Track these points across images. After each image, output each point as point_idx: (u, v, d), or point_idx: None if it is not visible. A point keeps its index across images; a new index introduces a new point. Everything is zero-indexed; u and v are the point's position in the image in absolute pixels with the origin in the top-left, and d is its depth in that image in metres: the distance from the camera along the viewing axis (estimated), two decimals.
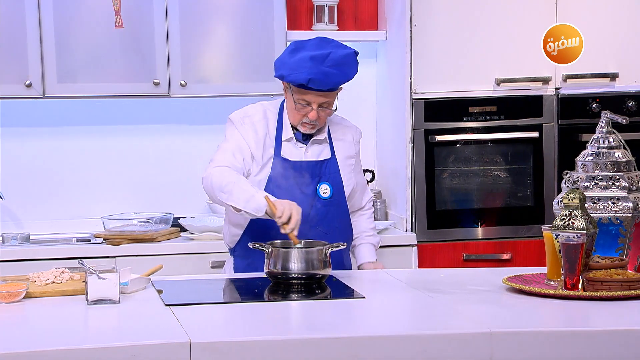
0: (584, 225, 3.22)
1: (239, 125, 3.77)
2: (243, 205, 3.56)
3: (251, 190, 3.57)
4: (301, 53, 3.67)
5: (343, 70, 3.67)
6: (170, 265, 4.03)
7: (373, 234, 3.98)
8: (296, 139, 3.79)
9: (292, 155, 3.77)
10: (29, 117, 5.07)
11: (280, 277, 3.46)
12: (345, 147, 3.87)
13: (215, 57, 4.93)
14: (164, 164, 5.20)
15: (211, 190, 3.65)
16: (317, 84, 3.63)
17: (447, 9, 4.91)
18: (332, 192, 3.79)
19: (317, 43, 3.71)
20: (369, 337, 2.81)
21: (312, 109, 3.70)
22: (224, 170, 3.65)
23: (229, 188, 3.59)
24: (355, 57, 3.72)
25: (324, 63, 3.63)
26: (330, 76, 3.63)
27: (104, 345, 2.71)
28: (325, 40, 3.74)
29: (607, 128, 3.51)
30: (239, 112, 3.83)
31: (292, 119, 3.76)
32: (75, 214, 5.12)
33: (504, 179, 5.07)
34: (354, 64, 3.71)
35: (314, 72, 3.61)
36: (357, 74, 3.75)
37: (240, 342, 2.77)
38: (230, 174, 3.63)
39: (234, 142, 3.75)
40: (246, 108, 3.85)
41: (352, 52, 3.71)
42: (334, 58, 3.64)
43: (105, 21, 4.76)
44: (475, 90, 4.95)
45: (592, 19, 4.97)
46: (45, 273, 3.41)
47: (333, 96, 3.73)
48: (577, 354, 2.82)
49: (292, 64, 3.66)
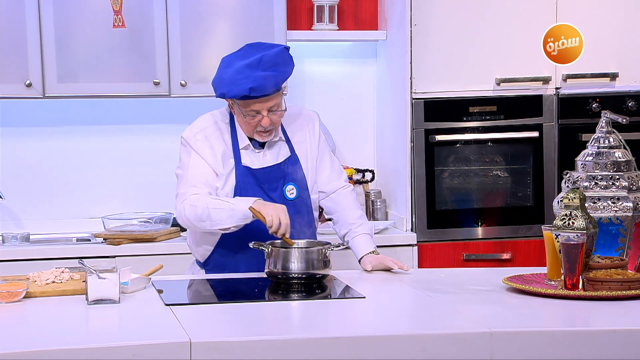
0: (584, 225, 3.22)
1: (194, 143, 3.70)
2: (228, 223, 3.56)
3: (227, 205, 3.56)
4: (234, 65, 3.62)
5: (279, 69, 3.60)
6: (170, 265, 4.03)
7: (362, 223, 3.82)
8: (252, 145, 3.73)
9: (252, 163, 3.72)
10: (29, 116, 5.07)
11: (280, 277, 3.46)
12: (302, 137, 3.81)
13: (216, 57, 4.89)
14: (164, 163, 5.18)
15: (190, 224, 3.65)
16: (259, 91, 3.56)
17: (447, 9, 4.91)
18: (297, 192, 3.75)
19: (245, 51, 3.67)
20: (369, 337, 2.81)
21: (263, 116, 3.63)
22: (192, 200, 3.61)
23: (205, 215, 3.57)
24: (287, 52, 3.65)
25: (259, 67, 3.57)
26: (269, 79, 3.57)
27: (104, 345, 2.71)
28: (253, 46, 3.70)
29: (607, 128, 3.51)
30: (190, 128, 3.75)
31: (245, 130, 3.70)
32: (76, 213, 5.12)
33: (504, 179, 5.07)
34: (289, 60, 3.65)
35: (251, 79, 3.55)
36: (294, 68, 3.67)
37: (240, 342, 2.77)
38: (199, 201, 3.59)
39: (192, 169, 3.68)
40: (197, 123, 3.77)
41: (283, 49, 3.65)
42: (267, 60, 3.58)
43: (105, 21, 4.76)
44: (476, 90, 4.95)
45: (592, 19, 4.97)
46: (45, 273, 3.41)
47: (279, 97, 3.66)
48: (577, 354, 2.82)
49: (229, 79, 3.60)
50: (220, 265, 3.79)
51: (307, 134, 3.83)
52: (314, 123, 3.87)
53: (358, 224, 3.81)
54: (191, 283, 3.64)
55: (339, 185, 3.87)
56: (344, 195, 3.87)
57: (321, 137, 3.87)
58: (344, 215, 3.84)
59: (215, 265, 3.81)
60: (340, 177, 3.89)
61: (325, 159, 3.86)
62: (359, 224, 3.81)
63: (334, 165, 3.89)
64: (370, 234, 3.81)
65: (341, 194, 3.87)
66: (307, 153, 3.82)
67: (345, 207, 3.85)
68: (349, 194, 3.88)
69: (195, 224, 3.63)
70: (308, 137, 3.83)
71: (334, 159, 3.91)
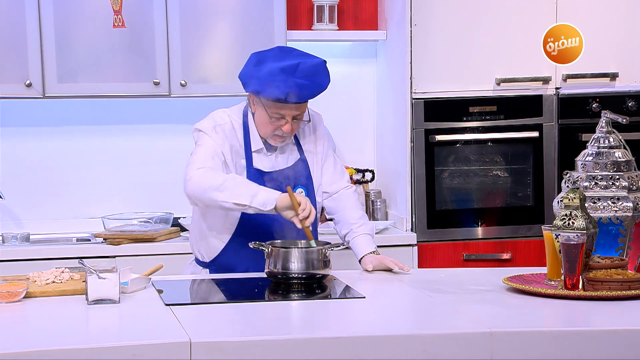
0: (584, 225, 3.22)
1: (212, 134, 3.67)
2: (249, 200, 3.49)
3: (253, 184, 3.55)
4: (267, 65, 3.60)
5: (316, 81, 3.60)
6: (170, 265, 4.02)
7: (363, 223, 3.81)
8: (265, 148, 3.73)
9: (264, 166, 3.72)
10: (29, 116, 5.07)
11: (280, 276, 3.46)
12: (309, 140, 3.82)
13: (216, 57, 4.93)
14: (164, 163, 5.19)
15: (201, 191, 3.55)
16: (294, 98, 3.57)
17: (447, 9, 4.91)
18: (306, 194, 3.75)
19: (277, 52, 3.66)
20: (369, 337, 2.81)
21: (286, 122, 3.64)
22: (209, 171, 3.58)
23: (225, 185, 3.52)
24: (325, 66, 3.66)
25: (296, 74, 3.56)
26: (305, 88, 3.57)
27: (104, 345, 2.71)
28: (285, 50, 3.70)
29: (607, 128, 3.51)
30: (208, 121, 3.73)
31: (263, 131, 3.70)
32: (76, 213, 5.12)
33: (504, 179, 5.07)
34: (325, 73, 3.65)
35: (289, 85, 3.54)
36: (329, 83, 3.68)
37: (241, 342, 2.77)
38: (220, 174, 3.57)
39: (210, 147, 3.65)
40: (213, 116, 3.75)
41: (322, 61, 3.65)
42: (304, 69, 3.57)
43: (105, 21, 4.76)
44: (476, 90, 4.96)
45: (592, 19, 4.97)
46: (45, 273, 3.41)
47: (305, 107, 3.68)
48: (577, 354, 2.82)
49: (264, 79, 3.58)
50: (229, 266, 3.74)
51: (313, 135, 3.84)
52: (319, 124, 3.88)
53: (359, 224, 3.80)
54: (192, 283, 3.64)
55: (341, 186, 3.87)
56: (346, 196, 3.87)
57: (325, 138, 3.88)
58: (345, 216, 3.83)
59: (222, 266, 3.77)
60: (342, 177, 3.90)
61: (329, 160, 3.87)
62: (360, 224, 3.80)
63: (337, 166, 3.90)
64: (371, 235, 3.80)
65: (343, 195, 3.87)
66: (314, 154, 3.83)
67: (346, 207, 3.85)
68: (351, 195, 3.88)
69: (207, 191, 3.53)
70: (313, 138, 3.84)
71: (337, 160, 3.91)
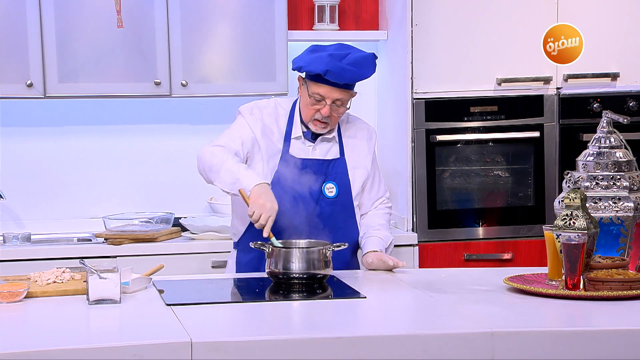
0: (585, 225, 3.22)
1: (247, 115, 3.81)
2: (228, 188, 3.61)
3: (237, 172, 3.59)
4: (320, 52, 3.73)
5: (359, 69, 3.70)
6: (171, 265, 4.03)
7: (380, 228, 3.87)
8: (305, 137, 3.80)
9: (299, 153, 3.78)
10: (30, 117, 5.07)
11: (281, 276, 3.46)
12: (356, 146, 3.87)
13: (216, 56, 4.93)
14: (165, 163, 5.19)
15: (203, 169, 3.71)
16: (333, 76, 3.64)
17: (448, 9, 4.91)
18: (337, 192, 3.79)
19: (337, 46, 3.78)
20: (370, 337, 2.81)
21: (325, 104, 3.70)
22: (216, 149, 3.69)
23: (217, 168, 3.63)
24: (373, 59, 3.76)
25: (342, 60, 3.67)
26: (347, 71, 3.66)
27: (105, 345, 2.71)
28: (344, 46, 3.80)
29: (608, 128, 3.51)
30: (250, 103, 3.87)
31: (304, 114, 3.78)
32: (77, 213, 5.12)
33: (505, 179, 5.07)
34: (371, 65, 3.75)
35: (331, 65, 3.64)
36: (373, 74, 3.78)
37: (241, 342, 2.77)
38: (221, 154, 3.66)
39: (237, 128, 3.79)
40: (258, 101, 3.90)
41: (371, 55, 3.76)
42: (352, 58, 3.69)
43: (106, 21, 4.76)
44: (476, 90, 4.95)
45: (592, 19, 4.97)
46: (46, 273, 3.41)
47: (348, 95, 3.73)
48: (578, 354, 2.82)
49: (310, 59, 3.71)
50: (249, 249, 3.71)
51: (362, 141, 3.88)
52: (373, 135, 3.94)
53: (376, 228, 3.85)
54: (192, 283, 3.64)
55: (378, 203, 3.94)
56: (379, 209, 3.93)
57: (375, 155, 3.94)
58: (367, 220, 3.89)
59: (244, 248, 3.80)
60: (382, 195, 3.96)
61: (375, 178, 3.93)
62: (377, 228, 3.85)
63: (381, 186, 3.95)
64: (383, 239, 3.82)
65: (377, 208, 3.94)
66: (358, 164, 3.85)
67: (374, 215, 3.90)
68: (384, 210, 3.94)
69: (206, 170, 3.68)
70: (364, 150, 3.88)
71: (381, 179, 3.97)
